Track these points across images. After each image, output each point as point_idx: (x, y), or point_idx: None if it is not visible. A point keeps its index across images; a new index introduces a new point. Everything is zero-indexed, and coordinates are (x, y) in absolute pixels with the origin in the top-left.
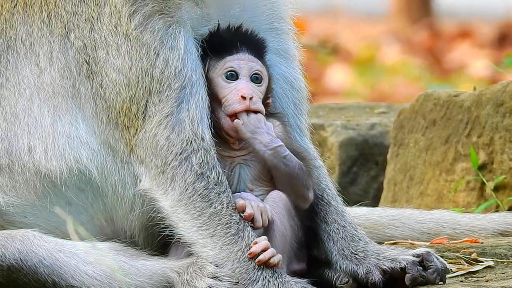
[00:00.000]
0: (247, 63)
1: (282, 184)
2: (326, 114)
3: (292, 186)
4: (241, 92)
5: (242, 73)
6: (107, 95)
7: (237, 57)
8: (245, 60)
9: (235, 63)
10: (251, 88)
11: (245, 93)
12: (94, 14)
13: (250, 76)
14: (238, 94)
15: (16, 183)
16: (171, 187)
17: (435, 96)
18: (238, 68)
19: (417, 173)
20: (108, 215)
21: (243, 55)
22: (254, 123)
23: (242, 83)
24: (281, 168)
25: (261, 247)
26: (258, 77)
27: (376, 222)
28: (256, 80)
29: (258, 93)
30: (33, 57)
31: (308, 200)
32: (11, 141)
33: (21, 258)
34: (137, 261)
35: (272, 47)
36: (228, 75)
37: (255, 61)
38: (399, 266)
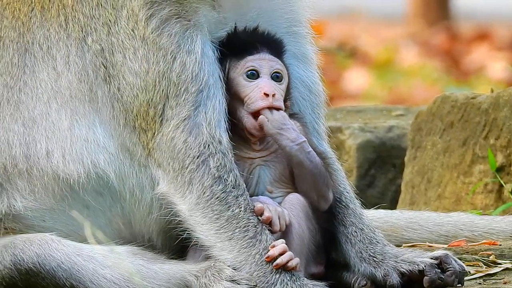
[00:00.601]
0: (267, 62)
1: (305, 182)
2: (343, 117)
3: (315, 184)
4: (264, 89)
5: (263, 71)
6: (125, 99)
7: (257, 57)
8: (265, 59)
9: (256, 63)
10: (273, 86)
11: (268, 90)
12: (111, 18)
13: (270, 75)
14: (260, 92)
15: (35, 187)
16: (188, 190)
17: (452, 98)
18: (259, 67)
19: (434, 176)
20: (126, 219)
21: (263, 55)
22: (279, 119)
23: (264, 81)
24: (306, 164)
25: (279, 250)
26: (278, 75)
27: (394, 224)
28: (276, 79)
29: (280, 91)
30: (50, 61)
31: (328, 200)
32: (30, 145)
33: (39, 262)
34: (155, 265)
35: (290, 51)
36: (249, 74)
37: (275, 60)
38: (417, 268)
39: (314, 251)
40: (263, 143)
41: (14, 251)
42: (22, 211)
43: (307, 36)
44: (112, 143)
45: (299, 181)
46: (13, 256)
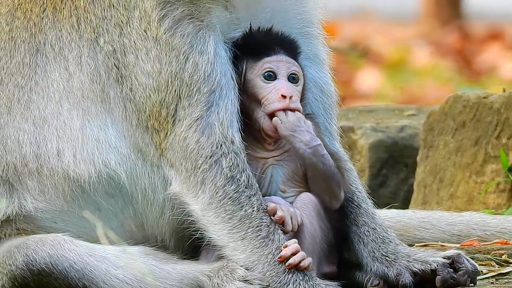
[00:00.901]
0: (284, 64)
1: (317, 183)
2: (356, 117)
3: (327, 185)
4: (281, 91)
5: (280, 73)
6: (137, 99)
7: (275, 58)
8: (283, 61)
9: (273, 64)
10: (290, 87)
11: (285, 92)
12: (123, 19)
13: (287, 76)
14: (278, 93)
15: (45, 187)
16: (201, 190)
17: (464, 98)
18: (276, 68)
19: (447, 175)
20: (138, 221)
21: (280, 57)
22: (293, 121)
23: (281, 82)
24: (319, 167)
25: (291, 250)
26: (295, 77)
27: (406, 224)
28: (293, 80)
29: (297, 92)
30: (62, 61)
31: (340, 200)
32: (40, 145)
33: (52, 262)
34: (167, 265)
35: (303, 52)
36: (266, 75)
37: (292, 62)
38: (429, 268)
39: (327, 250)
40: (277, 143)
41: (26, 251)
42: (33, 212)
43: (319, 37)
44: (123, 144)
45: (311, 182)
46: (25, 256)
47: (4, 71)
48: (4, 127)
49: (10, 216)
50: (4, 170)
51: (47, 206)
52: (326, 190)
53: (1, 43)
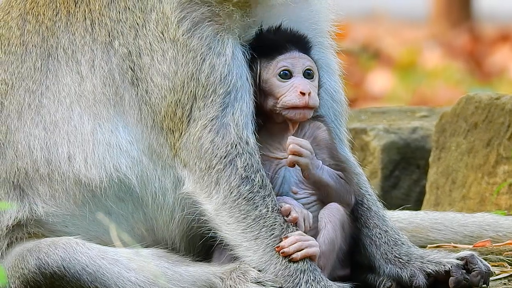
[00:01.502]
0: (299, 61)
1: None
2: (368, 119)
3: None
4: (299, 88)
5: (295, 70)
6: (152, 100)
7: (288, 56)
8: (296, 57)
9: (288, 62)
10: (307, 84)
11: (303, 89)
12: (139, 21)
13: (303, 73)
14: (296, 91)
15: (56, 192)
16: (215, 190)
17: (476, 99)
18: (291, 66)
19: (459, 176)
20: (149, 225)
21: (293, 53)
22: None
23: (298, 79)
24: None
25: (290, 242)
26: (310, 72)
27: (418, 225)
28: (308, 76)
29: (314, 88)
30: (74, 65)
31: (350, 204)
32: (51, 149)
33: (64, 265)
34: (180, 267)
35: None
36: (282, 74)
37: (305, 57)
38: (443, 269)
39: (343, 256)
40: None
41: (38, 254)
42: (44, 217)
43: (330, 48)
44: (135, 147)
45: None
46: (37, 260)
47: (15, 76)
48: (15, 133)
49: (21, 220)
50: (15, 175)
51: (58, 210)
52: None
53: (12, 48)
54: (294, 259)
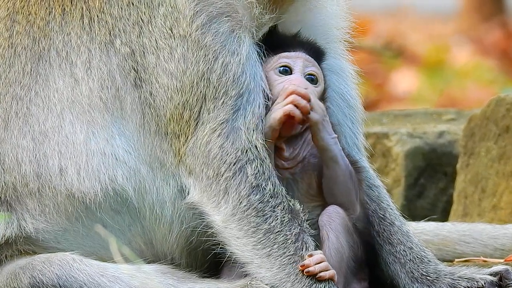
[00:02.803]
0: (302, 61)
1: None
2: (390, 122)
3: (346, 186)
4: (295, 82)
5: (296, 69)
6: (157, 103)
7: (293, 55)
8: (301, 58)
9: (290, 60)
10: (305, 82)
11: (299, 84)
12: (144, 17)
13: (304, 75)
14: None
15: (46, 207)
16: (223, 199)
17: (508, 100)
18: (293, 64)
19: (489, 185)
20: (147, 238)
21: (299, 54)
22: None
23: (296, 75)
24: (340, 161)
25: (316, 260)
26: (313, 78)
27: (445, 238)
28: (311, 81)
29: (314, 91)
30: (68, 67)
31: (356, 210)
32: (41, 162)
33: (60, 284)
34: (185, 284)
35: (328, 64)
36: (282, 70)
37: (312, 61)
38: (476, 285)
39: (355, 267)
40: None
41: (32, 272)
42: (34, 233)
43: (344, 55)
44: (132, 157)
45: (329, 184)
46: (31, 278)
47: (1, 81)
48: (1, 144)
49: (10, 238)
50: (2, 190)
51: (49, 226)
52: (344, 192)
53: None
54: (321, 278)
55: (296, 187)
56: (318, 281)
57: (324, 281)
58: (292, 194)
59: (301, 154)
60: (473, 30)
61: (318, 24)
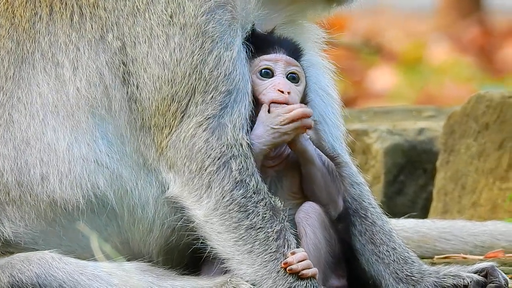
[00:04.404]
0: (283, 63)
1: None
2: (370, 119)
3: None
4: (278, 86)
5: (277, 71)
6: (143, 95)
7: (273, 57)
8: (282, 60)
9: (271, 62)
10: (288, 84)
11: (282, 87)
12: (141, 6)
13: (286, 75)
14: (275, 89)
15: (26, 214)
16: (206, 194)
17: (487, 97)
18: (274, 66)
19: (469, 182)
20: (124, 238)
21: (279, 55)
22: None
23: (279, 78)
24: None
25: (298, 258)
26: (295, 76)
27: (425, 235)
28: (293, 80)
29: (296, 91)
30: (53, 69)
31: (338, 206)
32: (22, 171)
33: (40, 282)
34: (166, 282)
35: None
36: (263, 72)
37: (292, 61)
38: (462, 282)
39: (333, 263)
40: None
41: (11, 271)
42: (12, 238)
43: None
44: (114, 160)
45: (309, 183)
46: (10, 277)
47: None
48: None
49: None
50: None
51: (27, 230)
52: (324, 191)
53: None
54: (304, 276)
55: (279, 184)
56: (300, 279)
57: (306, 278)
58: (274, 191)
59: (286, 151)
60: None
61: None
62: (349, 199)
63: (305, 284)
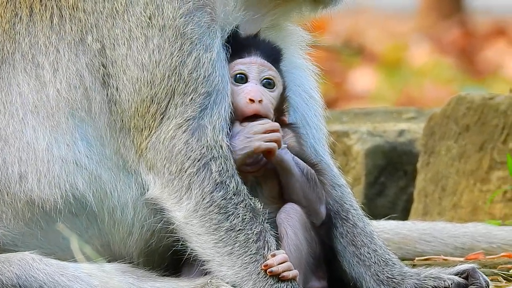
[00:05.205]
0: (258, 67)
1: (294, 193)
2: (350, 120)
3: (305, 195)
4: (249, 95)
5: (251, 76)
6: (123, 97)
7: (248, 61)
8: (256, 63)
9: (245, 66)
10: (260, 91)
11: (253, 95)
12: (120, 8)
13: (261, 80)
14: (246, 97)
15: (3, 213)
16: (186, 195)
17: (468, 99)
18: (248, 71)
19: (449, 183)
20: (104, 240)
21: (254, 59)
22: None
23: (251, 85)
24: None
25: (279, 260)
26: (270, 82)
27: (406, 236)
28: (268, 86)
29: (270, 97)
30: (34, 70)
31: (320, 214)
32: (0, 169)
33: (20, 284)
34: (146, 283)
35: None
36: (238, 78)
37: (267, 65)
38: (443, 285)
39: (314, 264)
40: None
41: None
42: None
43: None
44: (94, 162)
45: (288, 192)
46: None
47: None
48: None
49: None
50: None
51: (6, 231)
52: (304, 201)
53: None
54: (284, 278)
55: (259, 189)
56: (281, 281)
57: (286, 280)
58: (254, 195)
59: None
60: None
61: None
62: (330, 201)
63: (285, 286)
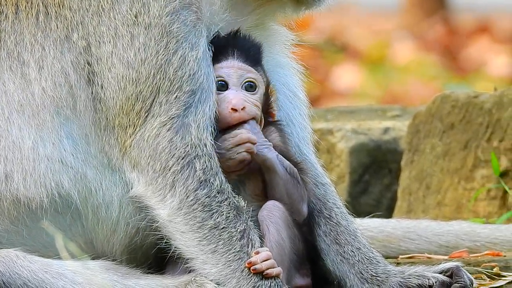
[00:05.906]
0: (236, 71)
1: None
2: (334, 118)
3: (288, 192)
4: (231, 104)
5: (231, 82)
6: (108, 95)
7: (225, 65)
8: (234, 67)
9: (223, 72)
10: (242, 98)
11: (235, 104)
12: (105, 5)
13: (242, 85)
14: (228, 107)
15: None
16: (170, 193)
17: (453, 97)
18: (227, 76)
19: (434, 181)
20: (88, 238)
21: (232, 62)
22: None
23: (232, 93)
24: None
25: (262, 258)
26: (252, 84)
27: (390, 234)
28: (250, 88)
29: (253, 101)
30: (19, 68)
31: (302, 213)
32: None
33: (4, 280)
34: (130, 280)
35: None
36: (219, 85)
37: (246, 68)
38: (427, 283)
39: (297, 261)
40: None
41: None
42: None
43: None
44: (79, 160)
45: (271, 190)
46: None
47: None
48: None
49: None
50: None
51: None
52: (287, 198)
53: None
54: (268, 275)
55: (242, 187)
56: (265, 278)
57: (270, 278)
58: (237, 193)
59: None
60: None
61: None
62: (313, 200)
63: (269, 284)
